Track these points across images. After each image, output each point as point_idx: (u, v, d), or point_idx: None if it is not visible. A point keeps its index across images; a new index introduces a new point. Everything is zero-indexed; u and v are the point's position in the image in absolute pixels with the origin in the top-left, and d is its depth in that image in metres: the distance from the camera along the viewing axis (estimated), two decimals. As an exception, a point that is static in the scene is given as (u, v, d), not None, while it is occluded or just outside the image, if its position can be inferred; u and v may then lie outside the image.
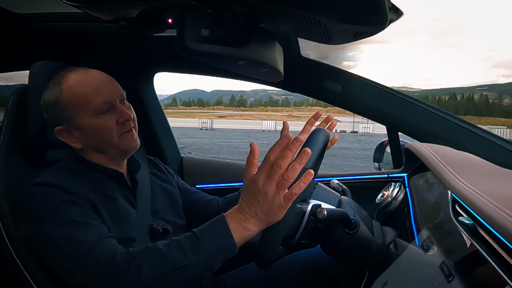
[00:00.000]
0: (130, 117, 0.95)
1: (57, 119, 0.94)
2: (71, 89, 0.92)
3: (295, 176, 0.70)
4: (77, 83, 0.93)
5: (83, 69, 0.96)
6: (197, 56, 0.76)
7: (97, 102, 0.92)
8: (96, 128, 0.93)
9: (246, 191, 0.75)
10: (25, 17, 1.39)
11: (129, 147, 0.98)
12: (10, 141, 1.02)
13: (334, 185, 1.06)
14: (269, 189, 0.71)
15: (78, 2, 0.74)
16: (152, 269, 0.73)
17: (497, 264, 0.49)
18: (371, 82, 1.42)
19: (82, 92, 0.92)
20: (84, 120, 0.92)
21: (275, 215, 0.73)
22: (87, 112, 0.92)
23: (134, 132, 0.99)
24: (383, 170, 1.63)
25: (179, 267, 0.73)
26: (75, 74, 0.95)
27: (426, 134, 1.37)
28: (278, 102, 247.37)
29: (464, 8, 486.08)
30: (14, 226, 0.88)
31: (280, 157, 0.70)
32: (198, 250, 0.74)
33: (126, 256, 0.75)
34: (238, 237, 0.75)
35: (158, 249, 0.76)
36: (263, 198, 0.72)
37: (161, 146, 1.72)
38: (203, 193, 1.27)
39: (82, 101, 0.92)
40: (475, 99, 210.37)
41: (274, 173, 0.70)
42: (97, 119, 0.92)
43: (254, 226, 0.75)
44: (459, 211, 0.68)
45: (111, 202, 0.92)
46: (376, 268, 0.82)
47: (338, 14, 0.60)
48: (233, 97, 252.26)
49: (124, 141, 0.96)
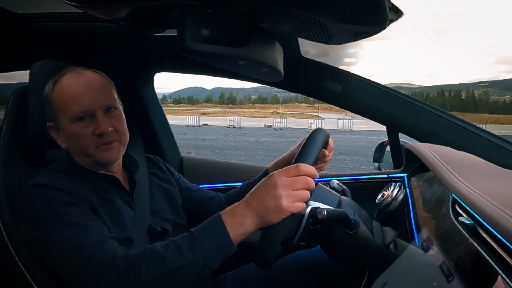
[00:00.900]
0: (106, 130, 0.90)
1: (49, 115, 0.96)
2: (58, 90, 0.93)
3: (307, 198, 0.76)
4: (65, 85, 0.92)
5: (79, 72, 0.95)
6: (197, 56, 0.76)
7: (74, 109, 0.90)
8: (72, 134, 0.92)
9: (261, 183, 0.77)
10: (25, 17, 1.39)
11: (104, 160, 0.94)
12: (10, 141, 1.02)
13: (334, 185, 1.06)
14: (284, 190, 0.74)
15: (78, 2, 0.74)
16: (151, 271, 0.73)
17: (497, 264, 0.49)
18: (371, 82, 1.42)
19: (65, 96, 0.92)
20: (64, 123, 0.92)
21: (273, 216, 0.74)
22: (66, 116, 0.91)
23: (116, 145, 0.95)
24: (383, 170, 1.63)
25: (178, 267, 0.73)
26: (68, 76, 0.94)
27: (426, 134, 1.37)
28: (267, 99, 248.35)
29: (465, 5, 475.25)
30: (14, 226, 0.88)
31: (311, 176, 0.77)
32: (196, 250, 0.74)
33: (126, 260, 0.76)
34: (234, 234, 0.75)
35: (156, 250, 0.76)
36: (273, 193, 0.74)
37: (161, 146, 1.72)
38: (206, 190, 1.26)
39: (63, 105, 0.92)
40: (476, 95, 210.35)
41: (298, 181, 0.75)
42: (74, 125, 0.91)
43: (250, 220, 0.75)
44: (459, 211, 0.68)
45: (108, 203, 0.92)
46: (376, 268, 0.82)
47: (338, 14, 0.60)
48: (222, 94, 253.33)
49: (100, 154, 0.93)
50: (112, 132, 0.93)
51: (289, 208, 0.73)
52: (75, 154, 0.97)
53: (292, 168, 0.77)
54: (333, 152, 1.09)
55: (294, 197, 0.74)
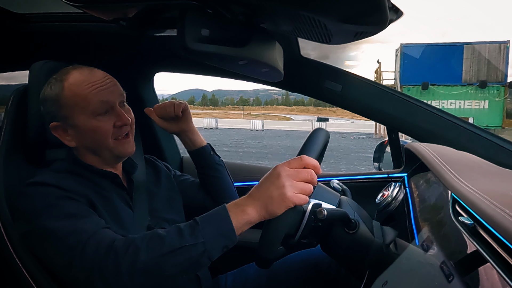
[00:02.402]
0: (128, 121, 0.94)
1: (54, 115, 0.94)
2: (71, 87, 0.92)
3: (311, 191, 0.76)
4: (79, 82, 0.92)
5: (88, 68, 0.96)
6: (197, 56, 0.76)
7: (95, 104, 0.91)
8: (91, 129, 0.92)
9: (265, 176, 0.78)
10: (25, 17, 1.39)
11: (123, 153, 0.96)
12: (10, 141, 1.02)
13: (334, 185, 1.06)
14: (288, 180, 0.74)
15: (78, 2, 0.74)
16: (150, 252, 0.72)
17: (497, 264, 0.49)
18: (371, 82, 1.42)
19: (83, 92, 0.91)
20: (81, 119, 0.91)
21: (277, 205, 0.73)
22: (85, 112, 0.91)
23: (131, 137, 0.98)
24: (383, 170, 1.63)
25: (176, 248, 0.72)
26: (78, 72, 0.94)
27: (426, 134, 1.37)
28: (249, 101, 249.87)
29: (466, 8, 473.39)
30: (13, 226, 0.88)
31: (314, 169, 0.77)
32: (196, 234, 0.74)
33: (125, 241, 0.75)
34: (236, 222, 0.74)
35: (157, 233, 0.76)
36: (277, 183, 0.74)
37: (161, 146, 1.72)
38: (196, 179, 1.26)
39: (81, 101, 0.91)
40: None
41: (301, 173, 0.75)
42: (94, 121, 0.91)
43: (253, 210, 0.74)
44: (459, 211, 0.68)
45: (108, 203, 0.92)
46: (376, 268, 0.82)
47: (338, 14, 0.60)
48: (204, 96, 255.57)
49: (119, 146, 0.95)
50: (128, 125, 0.96)
51: (293, 198, 0.73)
52: (84, 150, 0.96)
53: (296, 159, 0.77)
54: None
55: (297, 188, 0.74)
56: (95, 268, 0.74)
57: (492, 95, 18.76)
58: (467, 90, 18.85)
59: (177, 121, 1.13)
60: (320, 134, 0.89)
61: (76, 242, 0.77)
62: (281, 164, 0.77)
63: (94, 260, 0.74)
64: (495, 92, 18.74)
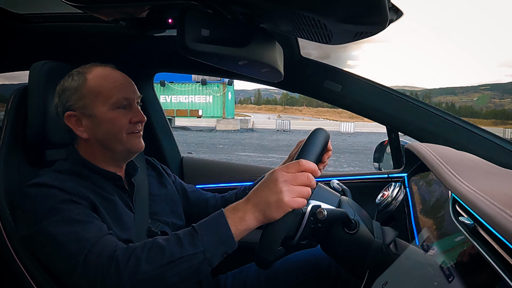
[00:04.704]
0: (143, 118, 0.99)
1: (71, 105, 0.95)
2: (96, 79, 0.96)
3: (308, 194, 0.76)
4: (104, 75, 0.97)
5: (110, 66, 1.00)
6: (197, 56, 0.76)
7: (118, 97, 0.95)
8: (109, 120, 0.94)
9: (262, 180, 0.78)
10: (25, 17, 1.39)
11: (134, 147, 0.98)
12: (10, 141, 1.02)
13: (334, 185, 1.06)
14: (285, 185, 0.74)
15: (78, 2, 0.74)
16: (150, 262, 0.73)
17: (497, 264, 0.49)
18: (371, 82, 1.42)
19: (107, 84, 0.95)
20: (101, 110, 0.94)
21: (275, 211, 0.73)
22: (106, 103, 0.94)
23: (141, 135, 1.01)
24: (383, 170, 1.63)
25: (177, 258, 0.73)
26: (102, 68, 0.99)
27: (426, 134, 1.36)
28: (240, 101, 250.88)
29: (468, 8, 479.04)
30: (14, 226, 0.88)
31: (312, 172, 0.76)
32: (196, 242, 0.74)
33: (126, 250, 0.76)
34: (235, 229, 0.74)
35: (157, 242, 0.76)
36: (274, 188, 0.74)
37: (161, 146, 1.72)
38: (202, 191, 1.26)
39: (105, 92, 0.94)
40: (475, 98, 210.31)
41: (299, 177, 0.75)
42: (113, 112, 0.94)
43: (252, 216, 0.74)
44: (459, 211, 0.68)
45: (110, 205, 0.92)
46: (376, 268, 0.82)
47: (338, 14, 0.60)
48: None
49: (131, 141, 0.97)
50: (142, 123, 1.00)
51: (290, 203, 0.73)
52: (95, 144, 0.96)
53: (293, 164, 0.77)
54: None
55: (295, 192, 0.74)
56: (97, 276, 0.74)
57: (215, 91, 25.57)
58: (196, 86, 25.31)
59: None
60: (320, 134, 0.89)
61: (79, 249, 0.77)
62: (278, 168, 0.77)
63: (97, 269, 0.75)
64: (217, 89, 25.47)
